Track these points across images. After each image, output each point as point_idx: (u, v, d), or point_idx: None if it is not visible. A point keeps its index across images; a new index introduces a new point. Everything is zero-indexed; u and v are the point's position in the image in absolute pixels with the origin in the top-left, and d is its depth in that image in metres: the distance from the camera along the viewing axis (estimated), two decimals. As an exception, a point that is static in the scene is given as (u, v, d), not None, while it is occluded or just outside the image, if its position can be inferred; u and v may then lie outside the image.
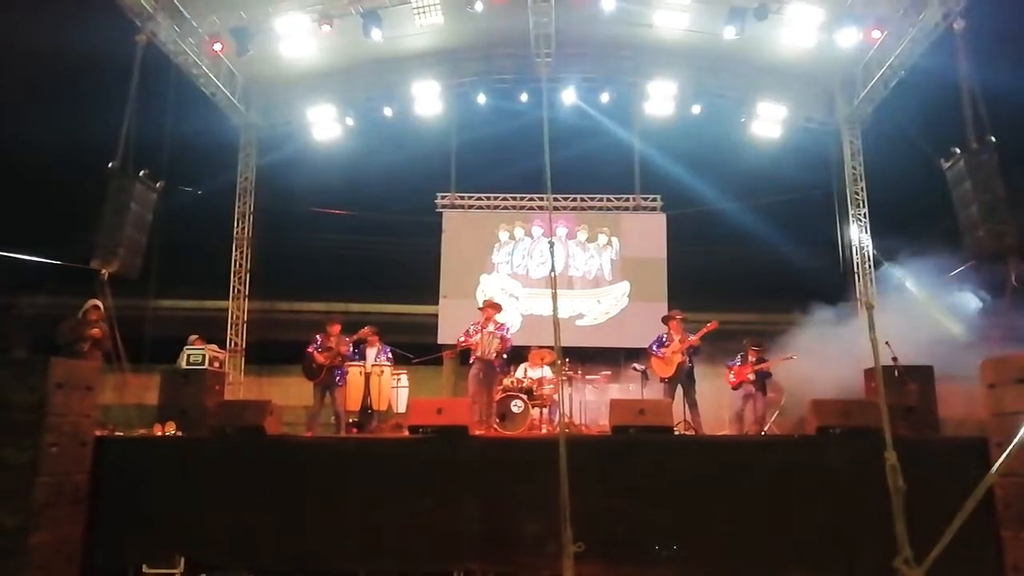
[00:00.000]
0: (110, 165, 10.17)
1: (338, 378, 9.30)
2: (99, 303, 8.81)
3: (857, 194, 13.55)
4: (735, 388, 9.87)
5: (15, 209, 13.74)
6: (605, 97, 13.79)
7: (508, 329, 9.63)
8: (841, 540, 5.93)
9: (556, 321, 4.81)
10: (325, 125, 13.88)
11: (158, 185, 10.77)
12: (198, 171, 13.42)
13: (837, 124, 13.74)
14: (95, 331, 8.43)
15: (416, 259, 15.27)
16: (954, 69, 9.86)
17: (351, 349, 9.50)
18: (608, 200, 14.88)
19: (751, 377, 9.67)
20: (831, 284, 13.60)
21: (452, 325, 12.74)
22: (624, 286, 14.32)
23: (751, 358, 9.78)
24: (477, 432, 7.49)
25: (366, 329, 9.78)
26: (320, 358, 9.17)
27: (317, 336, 9.40)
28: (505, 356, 9.41)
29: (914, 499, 3.47)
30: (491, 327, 9.29)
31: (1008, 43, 10.77)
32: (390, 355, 10.02)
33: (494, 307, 9.56)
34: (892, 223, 13.59)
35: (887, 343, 7.40)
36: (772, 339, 10.48)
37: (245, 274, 13.88)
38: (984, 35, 10.15)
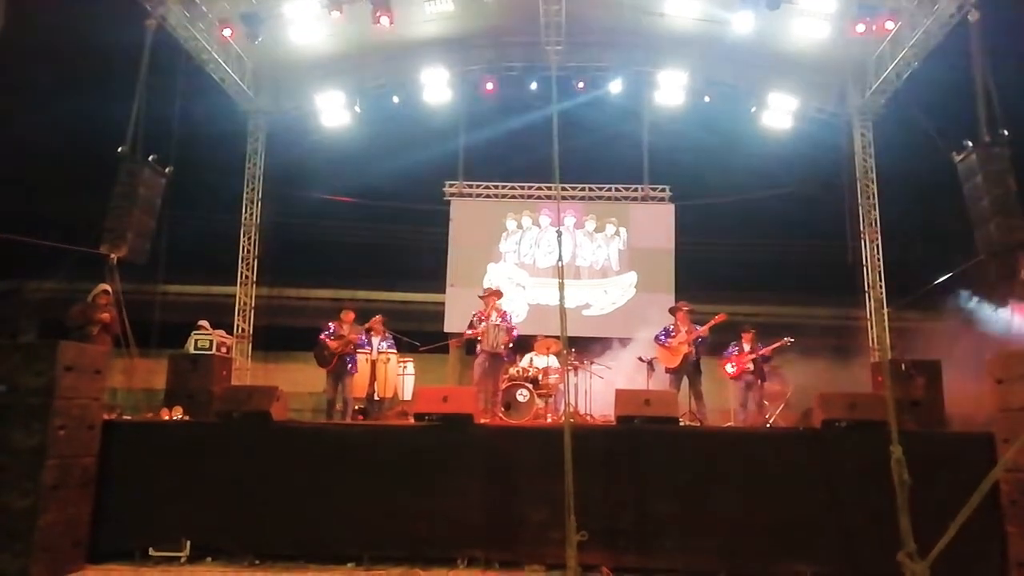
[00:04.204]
0: (119, 150, 10.19)
1: (350, 366, 9.35)
2: (108, 288, 8.82)
3: (867, 186, 13.44)
4: (736, 379, 9.87)
5: (25, 194, 13.80)
6: (615, 86, 13.68)
7: (511, 317, 9.61)
8: (845, 533, 5.94)
9: (563, 311, 4.80)
10: (334, 112, 13.83)
11: (167, 170, 10.80)
12: (207, 157, 13.41)
13: (848, 115, 13.59)
14: (104, 315, 8.45)
15: (423, 247, 15.29)
16: (968, 61, 9.76)
17: (362, 337, 9.54)
18: (616, 190, 14.82)
19: (749, 367, 9.67)
20: (840, 277, 13.55)
21: (459, 313, 12.75)
22: (631, 277, 14.28)
23: (746, 345, 9.78)
24: (482, 420, 7.51)
25: (377, 318, 9.82)
26: (332, 345, 9.21)
27: (330, 324, 9.44)
28: (511, 346, 9.41)
29: (919, 493, 3.46)
30: (495, 317, 9.28)
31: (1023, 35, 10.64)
32: (392, 342, 10.05)
33: (496, 294, 9.55)
34: (902, 215, 13.51)
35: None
36: (778, 332, 10.43)
37: (253, 260, 13.89)
38: (999, 27, 10.03)
